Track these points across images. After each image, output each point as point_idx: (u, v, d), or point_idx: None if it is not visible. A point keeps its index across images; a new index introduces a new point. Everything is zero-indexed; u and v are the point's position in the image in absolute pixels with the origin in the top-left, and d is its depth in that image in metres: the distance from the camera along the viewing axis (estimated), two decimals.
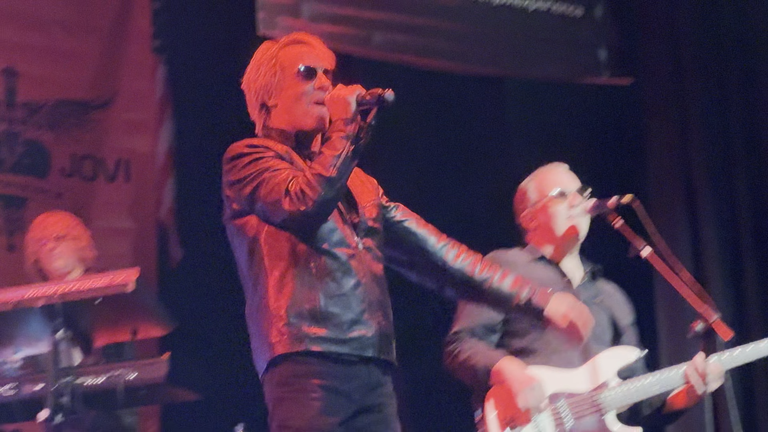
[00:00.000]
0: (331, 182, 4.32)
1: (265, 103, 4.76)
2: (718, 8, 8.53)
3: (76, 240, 7.15)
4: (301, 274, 4.45)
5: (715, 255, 8.14)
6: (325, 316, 4.42)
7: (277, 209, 4.37)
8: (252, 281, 4.64)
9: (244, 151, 4.57)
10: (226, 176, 4.60)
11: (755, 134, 8.40)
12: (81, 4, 8.84)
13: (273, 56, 4.76)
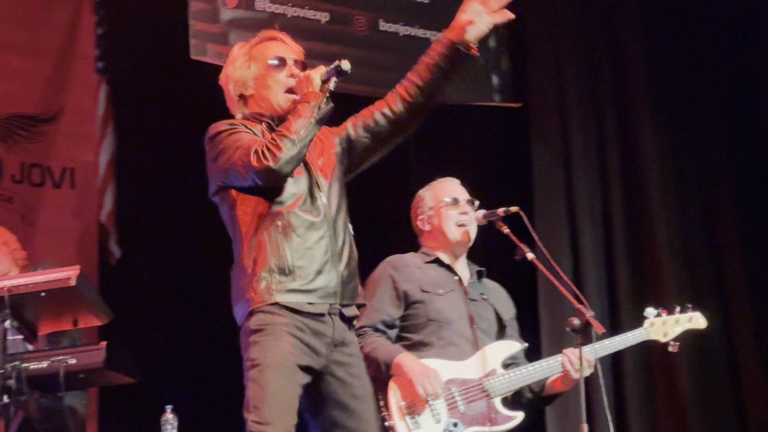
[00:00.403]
0: (293, 141, 4.39)
1: (243, 94, 4.79)
2: (597, 44, 8.62)
3: (6, 245, 7.13)
4: (269, 233, 4.51)
5: (590, 260, 8.19)
6: (292, 269, 4.47)
7: (247, 168, 4.43)
8: (234, 244, 4.66)
9: (220, 128, 4.63)
10: (207, 154, 4.67)
11: (628, 153, 8.48)
12: (32, 28, 8.78)
13: (246, 53, 4.81)
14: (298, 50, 4.85)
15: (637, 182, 8.41)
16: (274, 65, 4.73)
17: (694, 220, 8.51)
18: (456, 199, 5.91)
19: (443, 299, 5.78)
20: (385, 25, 8.33)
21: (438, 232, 5.92)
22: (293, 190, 4.56)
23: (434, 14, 8.50)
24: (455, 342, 5.73)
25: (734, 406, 8.25)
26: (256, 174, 4.42)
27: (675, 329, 6.06)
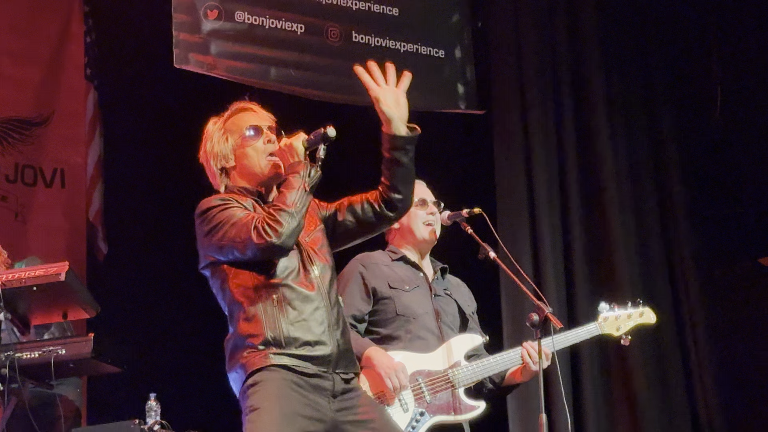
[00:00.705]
0: (291, 214, 4.31)
1: (224, 167, 4.70)
2: (557, 56, 8.63)
3: None
4: (264, 306, 4.42)
5: (549, 259, 8.17)
6: (289, 340, 4.39)
7: (247, 245, 4.34)
8: (228, 316, 4.57)
9: (212, 204, 4.53)
10: (199, 228, 4.56)
11: (586, 157, 8.50)
12: (26, 37, 8.77)
13: (221, 127, 4.72)
14: (270, 117, 4.75)
15: (594, 186, 8.43)
16: (251, 135, 4.64)
17: (647, 221, 8.54)
18: (424, 200, 5.90)
19: (410, 295, 5.77)
20: (357, 36, 8.32)
21: (407, 230, 5.91)
22: (286, 263, 4.48)
23: (403, 27, 8.51)
24: (421, 335, 5.72)
25: (684, 394, 8.28)
26: (258, 250, 4.34)
27: (627, 324, 6.09)
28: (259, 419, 4.29)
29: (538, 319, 5.44)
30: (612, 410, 8.18)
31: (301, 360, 4.39)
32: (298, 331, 4.42)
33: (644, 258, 8.44)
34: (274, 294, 4.44)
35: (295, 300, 4.45)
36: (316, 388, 4.41)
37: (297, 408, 4.33)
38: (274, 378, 4.36)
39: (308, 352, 4.41)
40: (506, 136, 8.46)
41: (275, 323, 4.41)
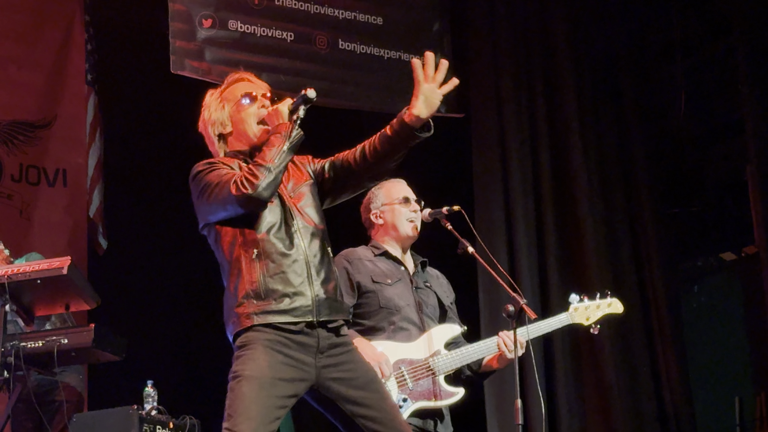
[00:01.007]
0: (268, 168, 4.33)
1: (222, 133, 4.70)
2: (532, 64, 8.65)
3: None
4: (246, 260, 4.42)
5: (524, 253, 8.18)
6: (267, 293, 4.37)
7: (227, 198, 4.36)
8: (221, 272, 4.57)
9: (199, 168, 4.55)
10: (192, 193, 4.58)
11: (558, 159, 8.51)
12: (30, 45, 8.76)
13: (218, 96, 4.74)
14: (265, 86, 4.77)
15: (566, 185, 8.44)
16: (246, 102, 4.66)
17: (616, 218, 8.56)
18: (407, 198, 5.89)
19: (392, 288, 5.75)
20: (343, 44, 8.34)
21: (390, 226, 5.89)
22: (269, 219, 4.48)
23: (387, 35, 8.52)
24: (404, 326, 5.68)
25: (650, 379, 8.29)
26: (237, 202, 4.36)
27: (596, 313, 6.08)
28: (239, 388, 4.30)
29: (514, 309, 5.42)
30: (583, 394, 8.19)
31: (282, 314, 4.37)
32: (277, 284, 4.40)
33: (613, 253, 8.46)
34: (255, 249, 4.43)
35: (274, 253, 4.44)
36: (301, 345, 4.39)
37: (277, 373, 4.32)
38: (258, 340, 4.35)
39: (287, 305, 4.39)
40: (483, 138, 8.47)
41: (255, 276, 4.41)
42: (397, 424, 4.46)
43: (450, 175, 8.38)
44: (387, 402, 4.50)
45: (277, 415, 4.32)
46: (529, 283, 8.08)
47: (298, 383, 4.37)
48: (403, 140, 4.56)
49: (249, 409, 4.25)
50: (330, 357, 4.45)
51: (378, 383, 4.55)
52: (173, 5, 7.81)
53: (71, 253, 6.41)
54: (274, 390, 4.30)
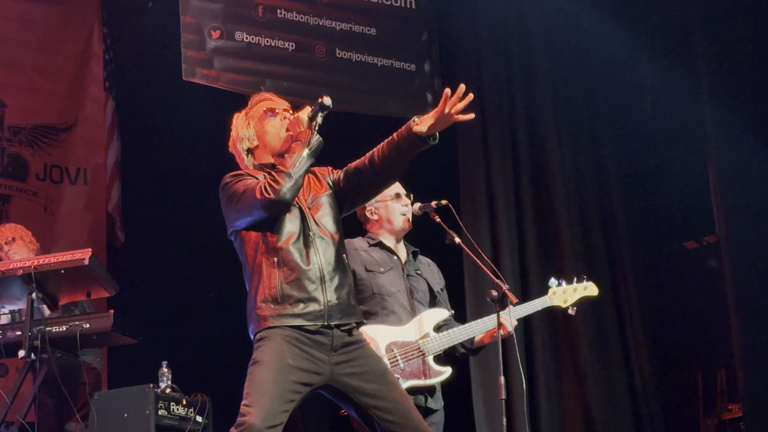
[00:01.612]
0: (289, 174, 4.33)
1: (249, 148, 4.67)
2: (511, 70, 8.61)
3: (23, 239, 7.10)
4: (266, 267, 4.41)
5: (506, 243, 8.13)
6: (284, 297, 4.36)
7: (253, 203, 4.36)
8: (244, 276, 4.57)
9: (227, 180, 4.54)
10: (222, 202, 4.56)
11: (537, 156, 8.48)
12: (53, 55, 8.77)
13: (244, 116, 4.72)
14: (285, 103, 4.75)
15: (544, 181, 8.41)
16: (269, 116, 4.64)
17: (589, 211, 8.53)
18: (399, 194, 5.88)
19: (384, 276, 5.73)
20: (340, 53, 8.30)
21: (384, 220, 5.87)
22: (289, 228, 4.46)
23: (380, 44, 8.49)
24: (395, 311, 5.67)
25: (621, 357, 8.28)
26: (262, 207, 4.35)
27: (573, 296, 6.06)
28: (257, 371, 4.29)
29: (497, 294, 5.46)
30: (560, 371, 8.17)
31: (296, 318, 4.36)
32: (293, 290, 4.39)
33: (587, 242, 8.44)
34: (275, 257, 4.42)
35: (291, 261, 4.42)
36: (316, 343, 4.37)
37: (295, 362, 4.31)
38: (277, 334, 4.34)
39: (301, 310, 4.37)
40: (468, 138, 8.44)
41: (273, 282, 4.40)
42: (407, 413, 4.43)
43: (438, 172, 8.33)
44: (397, 392, 4.47)
45: (291, 398, 4.29)
46: (510, 270, 8.04)
47: (312, 375, 4.35)
48: (410, 147, 4.48)
49: (266, 388, 4.23)
50: (343, 354, 4.43)
51: (388, 375, 4.51)
52: (184, 18, 7.79)
53: (92, 245, 6.38)
54: (290, 375, 4.28)
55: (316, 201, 4.60)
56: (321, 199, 4.62)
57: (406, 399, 4.50)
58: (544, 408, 7.96)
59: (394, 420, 4.40)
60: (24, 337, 5.87)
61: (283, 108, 4.69)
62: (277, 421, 4.22)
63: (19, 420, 6.02)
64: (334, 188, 4.68)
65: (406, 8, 8.68)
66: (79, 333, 5.96)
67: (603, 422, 8.00)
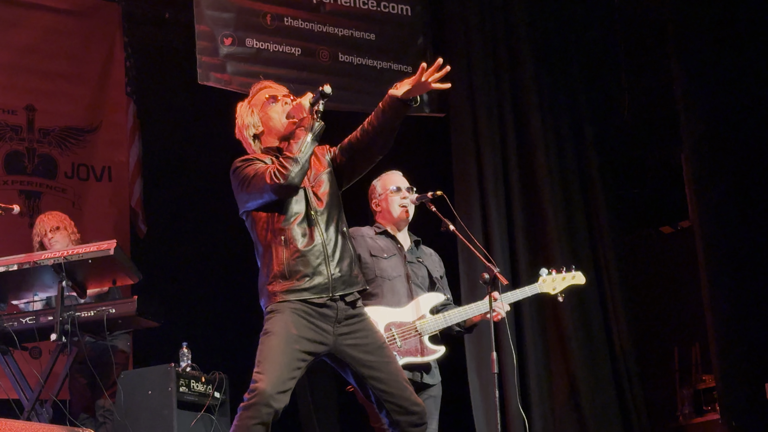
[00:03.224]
0: (296, 159, 4.31)
1: (255, 134, 4.64)
2: (500, 71, 8.61)
3: (66, 229, 7.11)
4: (275, 245, 4.41)
5: (497, 231, 8.10)
6: (291, 273, 4.36)
7: (264, 188, 4.35)
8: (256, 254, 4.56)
9: (238, 164, 4.52)
10: (233, 184, 4.54)
11: (524, 150, 8.46)
12: (78, 63, 8.77)
13: (247, 105, 4.68)
14: (284, 89, 4.72)
15: (531, 172, 8.40)
16: (271, 103, 4.61)
17: (573, 199, 8.51)
18: (399, 187, 5.88)
19: (387, 261, 5.74)
20: (343, 56, 8.31)
21: (386, 212, 5.88)
22: (295, 209, 4.46)
23: (379, 48, 8.50)
24: (395, 294, 5.68)
25: (603, 332, 8.28)
26: (272, 191, 4.34)
27: (562, 284, 6.05)
28: (267, 341, 4.30)
29: (489, 277, 5.48)
30: (547, 346, 8.17)
31: (303, 292, 4.37)
32: (299, 265, 4.38)
33: (570, 228, 8.43)
34: (283, 235, 4.42)
35: (297, 239, 4.42)
36: (322, 315, 4.38)
37: (301, 332, 4.32)
38: (285, 307, 4.35)
39: (307, 283, 4.37)
40: (461, 134, 8.44)
41: (281, 258, 4.40)
42: (400, 384, 4.43)
43: (434, 165, 8.35)
44: (392, 365, 4.48)
45: (298, 366, 4.30)
46: (501, 255, 8.03)
47: (317, 345, 4.36)
48: (395, 112, 4.50)
49: (276, 356, 4.25)
50: (346, 326, 4.44)
51: (386, 349, 4.52)
52: (199, 27, 7.81)
53: (116, 237, 6.38)
54: (298, 345, 4.29)
55: (317, 178, 4.59)
56: (321, 176, 4.60)
57: (400, 372, 4.50)
58: (533, 380, 7.96)
59: (388, 390, 4.41)
60: (55, 322, 5.88)
61: (283, 94, 4.66)
62: (286, 387, 4.24)
63: (52, 398, 6.04)
64: (332, 164, 4.66)
65: (403, 15, 8.69)
66: (106, 317, 5.96)
67: (587, 392, 8.01)
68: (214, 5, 7.91)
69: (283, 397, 4.23)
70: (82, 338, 5.97)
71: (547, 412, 7.99)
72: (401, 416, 4.41)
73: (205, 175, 8.86)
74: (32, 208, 8.30)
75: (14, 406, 6.09)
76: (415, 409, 4.43)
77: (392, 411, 4.42)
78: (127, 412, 6.11)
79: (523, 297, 6.05)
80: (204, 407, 6.27)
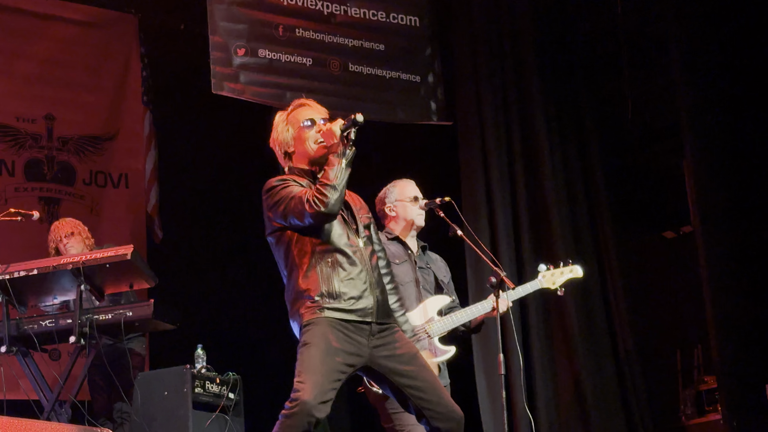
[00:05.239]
0: (333, 187, 4.25)
1: (287, 151, 4.58)
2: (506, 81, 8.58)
3: (80, 234, 7.12)
4: (320, 266, 4.35)
5: (503, 235, 8.10)
6: (338, 294, 4.32)
7: (302, 213, 4.29)
8: (287, 274, 4.46)
9: (274, 184, 4.45)
10: (265, 203, 4.46)
11: (529, 156, 8.44)
12: (97, 74, 8.84)
13: (284, 119, 4.60)
14: (324, 110, 4.64)
15: (537, 178, 8.37)
16: (307, 126, 4.53)
17: (577, 204, 8.48)
18: (417, 197, 5.89)
19: (398, 267, 5.72)
20: (353, 66, 8.31)
21: (401, 218, 5.87)
22: (339, 230, 4.43)
23: (388, 58, 8.50)
24: (406, 298, 5.61)
25: (607, 336, 8.26)
26: (311, 217, 4.28)
27: (561, 279, 6.03)
28: (307, 351, 4.25)
29: (496, 280, 5.48)
30: (552, 346, 8.15)
31: (350, 313, 4.34)
32: (347, 288, 4.35)
33: (575, 233, 8.40)
34: (329, 258, 4.37)
35: (344, 263, 4.38)
36: (357, 329, 4.35)
37: (339, 345, 4.28)
38: (323, 322, 4.31)
39: (353, 306, 4.34)
40: (468, 141, 8.42)
41: (329, 280, 4.35)
42: (437, 391, 4.40)
43: (442, 171, 8.35)
44: (428, 372, 4.45)
45: (338, 378, 4.27)
46: (507, 259, 8.01)
47: (354, 357, 4.33)
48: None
49: (316, 368, 4.21)
50: (380, 339, 4.40)
51: (420, 357, 4.48)
52: (213, 38, 7.82)
53: (133, 242, 6.40)
54: (337, 357, 4.26)
55: (363, 214, 4.62)
56: (363, 212, 4.64)
57: (435, 379, 4.47)
58: (539, 381, 7.94)
59: (426, 398, 4.37)
60: (74, 325, 5.90)
61: (321, 117, 4.58)
62: (327, 397, 4.20)
63: (71, 399, 6.06)
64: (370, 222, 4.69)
65: (411, 26, 8.69)
66: (123, 320, 5.97)
67: (591, 393, 7.99)
68: (228, 17, 7.92)
69: (324, 407, 4.19)
70: (99, 340, 5.98)
71: (553, 412, 7.97)
72: (441, 423, 4.37)
73: (219, 181, 8.89)
74: (51, 215, 8.34)
75: (34, 406, 6.11)
76: (454, 415, 4.39)
77: (432, 418, 4.37)
78: (144, 413, 6.11)
79: (525, 293, 6.04)
80: (218, 408, 6.28)
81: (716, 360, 7.57)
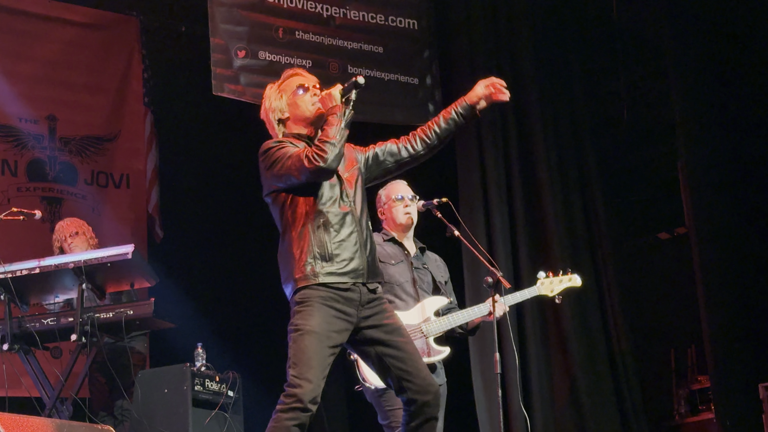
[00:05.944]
0: (333, 143, 4.27)
1: (280, 119, 4.58)
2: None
3: (84, 234, 7.12)
4: (313, 228, 4.37)
5: (499, 236, 8.10)
6: (331, 256, 4.34)
7: (301, 170, 4.30)
8: (281, 234, 4.48)
9: (270, 145, 4.45)
10: (261, 165, 4.47)
11: (525, 158, 8.46)
12: (99, 75, 8.81)
13: (277, 89, 4.62)
14: (314, 78, 4.67)
15: (533, 181, 8.39)
16: (301, 92, 4.56)
17: (573, 206, 8.50)
18: (402, 197, 5.90)
19: (394, 267, 5.76)
20: (352, 69, 8.30)
21: (390, 219, 5.91)
22: (330, 193, 4.44)
23: (387, 61, 8.50)
24: (402, 297, 5.71)
25: (602, 335, 8.28)
26: (309, 173, 4.30)
27: (559, 287, 6.05)
28: (301, 340, 4.27)
29: (492, 280, 5.50)
30: (548, 347, 8.16)
31: (339, 276, 4.35)
32: (338, 249, 4.37)
33: (571, 235, 8.42)
34: (321, 218, 4.39)
35: (336, 224, 4.40)
36: (347, 299, 4.36)
37: (331, 326, 4.30)
38: (314, 297, 4.32)
39: (344, 267, 4.36)
40: (465, 143, 8.44)
41: (321, 242, 4.37)
42: (417, 364, 4.43)
43: (439, 172, 8.35)
44: (409, 345, 4.46)
45: (329, 362, 4.31)
46: (503, 260, 8.02)
47: (344, 333, 4.37)
48: (469, 119, 4.71)
49: (311, 359, 4.24)
50: (368, 309, 4.42)
51: (404, 330, 4.50)
52: (214, 40, 7.83)
53: (134, 242, 6.40)
54: (329, 342, 4.29)
55: (349, 171, 4.58)
56: (353, 170, 4.60)
57: (417, 352, 4.48)
58: (534, 380, 7.96)
59: (406, 368, 4.39)
60: (75, 323, 5.92)
61: (313, 84, 4.61)
62: (321, 389, 4.26)
63: (72, 396, 6.07)
64: (363, 163, 4.66)
65: (410, 29, 8.70)
66: (124, 319, 5.99)
67: (586, 392, 8.00)
68: (229, 19, 7.92)
69: (318, 397, 4.26)
70: (100, 339, 6.00)
71: (548, 411, 7.98)
72: (418, 396, 4.38)
73: (219, 181, 8.89)
74: (53, 214, 8.33)
75: (36, 403, 6.12)
76: (431, 389, 4.40)
77: (409, 390, 4.38)
78: (144, 410, 6.12)
79: (522, 299, 6.07)
80: (218, 405, 6.29)
81: (710, 360, 7.59)
